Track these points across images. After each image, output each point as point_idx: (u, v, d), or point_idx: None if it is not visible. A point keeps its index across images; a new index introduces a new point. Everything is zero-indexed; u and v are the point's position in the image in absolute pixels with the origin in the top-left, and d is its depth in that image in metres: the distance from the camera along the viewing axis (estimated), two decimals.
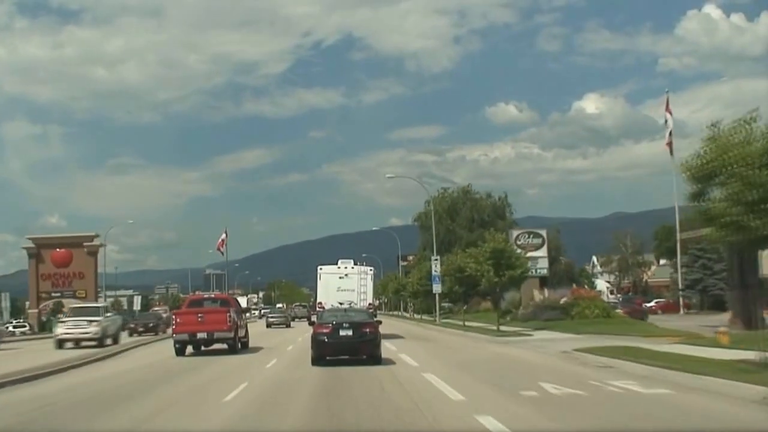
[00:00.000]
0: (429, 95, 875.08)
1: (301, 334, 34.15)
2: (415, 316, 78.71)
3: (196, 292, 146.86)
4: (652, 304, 70.13)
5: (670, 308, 67.83)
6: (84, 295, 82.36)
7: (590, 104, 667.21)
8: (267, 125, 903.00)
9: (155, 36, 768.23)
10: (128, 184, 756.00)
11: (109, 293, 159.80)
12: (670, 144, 71.51)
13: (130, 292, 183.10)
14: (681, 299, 67.64)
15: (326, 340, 19.87)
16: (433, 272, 54.52)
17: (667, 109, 72.29)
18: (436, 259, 54.72)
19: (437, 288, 54.33)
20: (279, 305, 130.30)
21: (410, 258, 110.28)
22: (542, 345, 27.68)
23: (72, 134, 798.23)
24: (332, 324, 20.18)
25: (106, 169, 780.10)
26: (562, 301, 43.66)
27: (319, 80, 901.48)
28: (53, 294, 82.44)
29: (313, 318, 31.93)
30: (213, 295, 44.46)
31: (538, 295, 44.30)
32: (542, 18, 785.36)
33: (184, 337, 25.73)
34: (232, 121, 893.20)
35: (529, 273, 40.35)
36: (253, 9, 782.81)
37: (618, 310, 43.14)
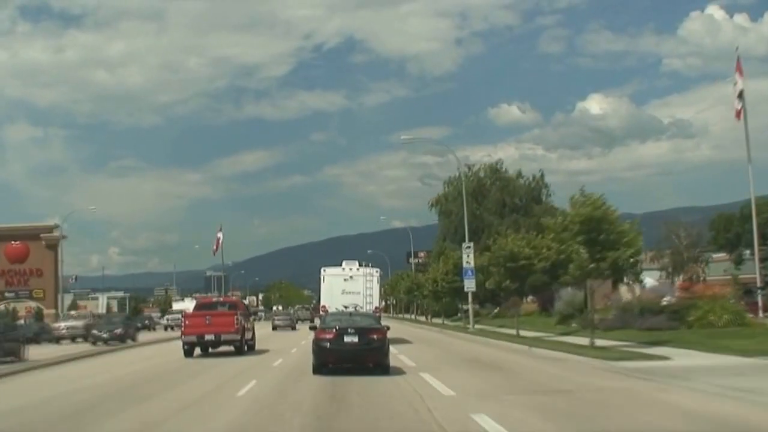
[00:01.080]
0: (431, 97, 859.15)
1: (306, 336, 27.70)
2: (433, 320, 64.30)
3: (195, 295, 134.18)
4: None
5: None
6: (42, 296, 68.29)
7: (594, 105, 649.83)
8: (268, 128, 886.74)
9: (156, 39, 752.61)
10: (130, 186, 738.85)
11: (97, 296, 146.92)
12: (740, 112, 57.15)
13: (121, 294, 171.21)
14: (760, 299, 53.04)
15: (329, 346, 17.22)
16: (464, 264, 40.25)
17: (738, 69, 57.65)
18: (469, 247, 40.39)
19: (470, 284, 40.03)
20: (275, 308, 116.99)
21: (422, 254, 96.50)
22: (743, 388, 13.45)
23: (73, 137, 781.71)
24: (336, 329, 17.45)
25: (107, 172, 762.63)
26: (665, 301, 29.49)
27: (320, 83, 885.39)
28: (7, 294, 68.23)
29: (316, 322, 28.89)
30: (221, 299, 41.44)
31: (625, 293, 29.85)
32: (544, 20, 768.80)
33: (193, 338, 25.75)
34: (233, 123, 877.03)
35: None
36: (254, 12, 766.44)
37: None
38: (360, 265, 35.60)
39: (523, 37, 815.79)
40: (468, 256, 39.97)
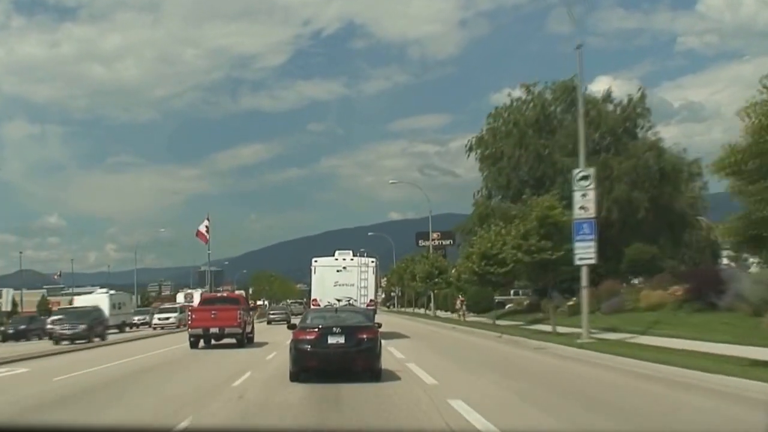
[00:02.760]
0: (433, 83, 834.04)
1: None
2: (467, 316, 43.94)
3: (183, 290, 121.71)
4: None
5: None
6: None
7: (601, 88, 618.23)
8: (265, 119, 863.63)
9: (152, 31, 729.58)
10: (127, 182, 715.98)
11: (75, 293, 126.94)
12: None
13: (98, 289, 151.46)
14: None
15: (310, 349, 14.18)
16: (577, 211, 20.19)
17: None
18: (586, 177, 20.17)
19: (587, 250, 19.94)
20: (260, 302, 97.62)
21: (435, 235, 76.29)
22: None
23: (70, 133, 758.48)
24: (318, 329, 14.42)
25: (104, 168, 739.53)
26: None
27: (319, 71, 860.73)
28: None
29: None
30: (225, 294, 40.77)
31: None
32: None
33: (199, 331, 26.26)
34: (230, 116, 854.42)
35: None
36: None
37: None
38: (354, 254, 32.32)
39: (530, 17, 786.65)
40: (585, 195, 19.76)
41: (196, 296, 77.29)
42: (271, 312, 58.64)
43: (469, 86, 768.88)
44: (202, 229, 67.51)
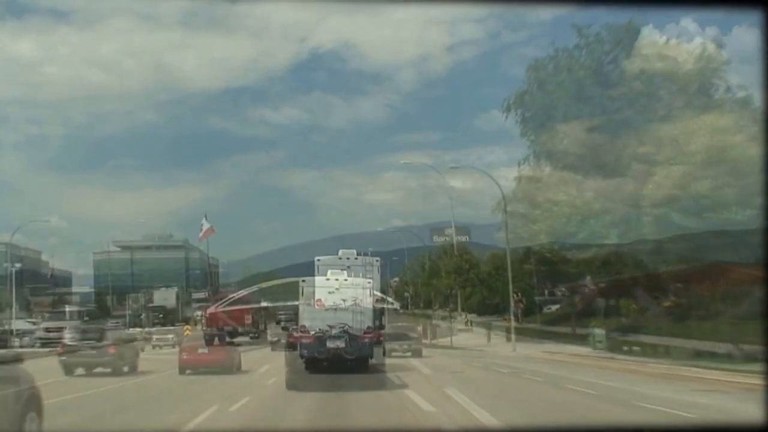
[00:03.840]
0: (426, 102, 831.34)
1: None
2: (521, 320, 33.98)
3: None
4: None
5: None
6: None
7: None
8: (267, 128, 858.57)
9: (150, 36, 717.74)
10: (128, 184, 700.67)
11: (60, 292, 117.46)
12: None
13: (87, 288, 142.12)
14: None
15: (307, 354, 14.14)
16: None
17: None
18: None
19: None
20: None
21: (449, 231, 66.95)
22: None
23: (70, 135, 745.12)
24: (317, 332, 14.53)
25: (106, 170, 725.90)
26: None
27: (318, 85, 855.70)
28: None
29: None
30: (238, 296, 38.34)
31: None
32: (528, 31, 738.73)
33: (214, 330, 28.06)
34: (232, 124, 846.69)
35: None
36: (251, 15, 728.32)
37: None
38: (358, 254, 28.73)
39: (510, 45, 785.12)
40: None
41: (160, 295, 74.58)
42: (280, 313, 59.11)
43: (459, 107, 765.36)
44: (205, 227, 67.98)
